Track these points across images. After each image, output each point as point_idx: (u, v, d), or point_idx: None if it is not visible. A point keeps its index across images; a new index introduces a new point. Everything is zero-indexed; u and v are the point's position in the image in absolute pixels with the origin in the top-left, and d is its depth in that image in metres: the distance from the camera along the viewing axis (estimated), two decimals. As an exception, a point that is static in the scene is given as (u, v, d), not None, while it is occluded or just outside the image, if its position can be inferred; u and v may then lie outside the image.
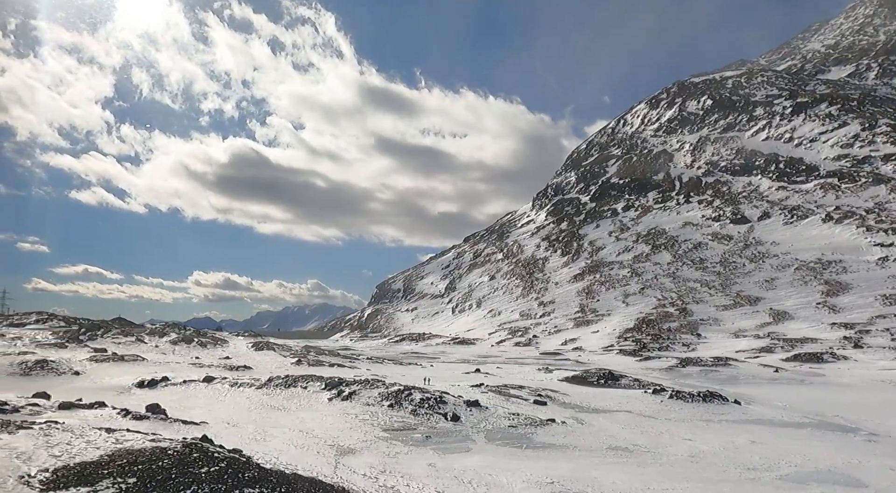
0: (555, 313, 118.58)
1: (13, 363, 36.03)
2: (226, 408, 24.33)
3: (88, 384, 31.51)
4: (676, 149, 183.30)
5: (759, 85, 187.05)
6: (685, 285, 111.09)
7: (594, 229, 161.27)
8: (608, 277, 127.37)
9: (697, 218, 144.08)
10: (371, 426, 20.06)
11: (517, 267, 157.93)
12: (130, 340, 48.53)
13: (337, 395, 23.84)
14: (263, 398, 25.81)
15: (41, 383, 32.70)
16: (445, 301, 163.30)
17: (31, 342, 44.81)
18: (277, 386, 26.58)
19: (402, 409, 21.71)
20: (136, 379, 30.91)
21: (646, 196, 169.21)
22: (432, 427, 19.76)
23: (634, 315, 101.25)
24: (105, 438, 14.30)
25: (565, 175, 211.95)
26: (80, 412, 21.85)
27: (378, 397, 22.92)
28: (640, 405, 25.77)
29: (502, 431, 19.38)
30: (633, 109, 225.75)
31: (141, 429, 18.33)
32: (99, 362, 37.39)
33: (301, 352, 50.40)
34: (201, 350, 47.88)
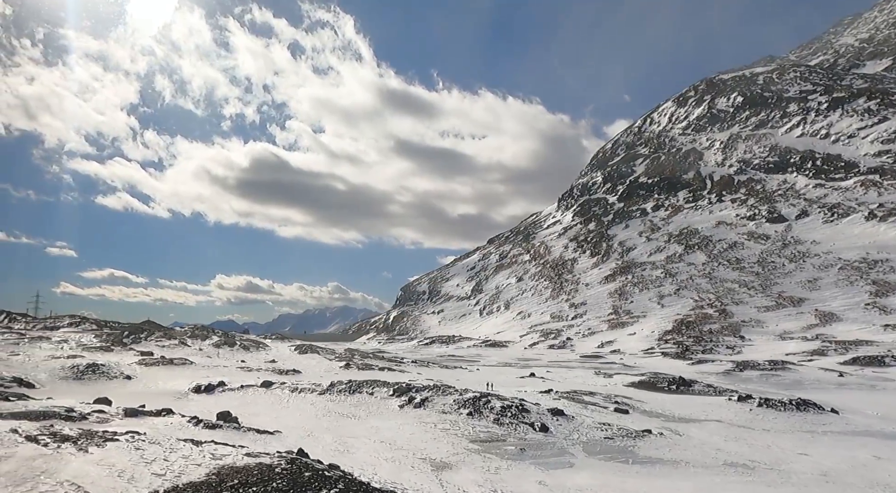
0: (587, 315, 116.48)
1: (64, 367, 35.61)
2: (292, 415, 23.32)
3: (142, 389, 30.85)
4: (706, 147, 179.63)
5: (792, 80, 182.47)
6: (722, 286, 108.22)
7: (623, 230, 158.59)
8: (641, 278, 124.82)
9: (731, 217, 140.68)
10: (455, 437, 18.83)
11: (545, 268, 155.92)
12: (174, 343, 48.09)
13: (408, 402, 22.67)
14: (328, 405, 24.77)
15: (95, 387, 32.15)
16: (472, 303, 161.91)
17: (78, 345, 44.57)
18: (341, 392, 25.52)
19: (482, 418, 20.45)
20: (192, 384, 30.14)
21: (676, 195, 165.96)
22: (522, 439, 18.46)
23: (671, 317, 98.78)
24: (198, 452, 13.28)
25: (591, 175, 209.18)
26: (149, 420, 21.00)
27: (454, 405, 21.70)
28: (728, 414, 24.17)
29: (599, 443, 18.01)
30: (660, 108, 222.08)
31: (218, 439, 17.35)
32: (148, 365, 36.83)
33: (345, 355, 49.51)
34: (245, 354, 47.24)
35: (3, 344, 43.64)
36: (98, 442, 13.07)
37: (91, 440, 13.32)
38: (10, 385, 30.44)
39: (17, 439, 12.49)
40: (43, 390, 30.81)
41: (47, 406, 21.84)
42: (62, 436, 13.34)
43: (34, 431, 13.91)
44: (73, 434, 13.84)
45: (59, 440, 12.82)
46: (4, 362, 37.87)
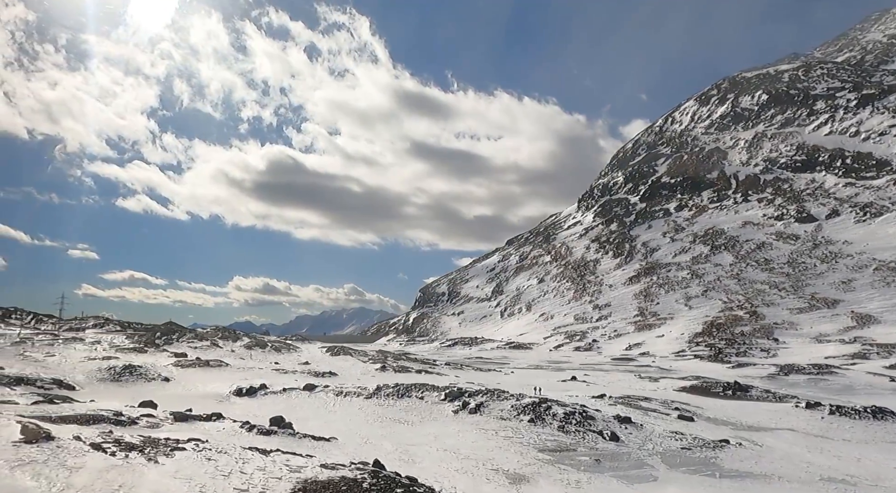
0: (612, 317, 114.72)
1: (101, 369, 35.29)
2: (342, 420, 22.54)
3: (182, 392, 30.35)
4: (730, 146, 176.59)
5: (819, 78, 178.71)
6: (752, 287, 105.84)
7: (646, 230, 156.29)
8: (666, 279, 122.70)
9: (758, 217, 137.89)
10: (521, 445, 17.87)
11: (567, 269, 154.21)
12: (205, 344, 47.73)
13: (462, 407, 21.76)
14: (377, 409, 23.96)
15: (134, 389, 31.71)
16: (493, 305, 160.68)
17: (111, 347, 44.38)
18: (389, 396, 24.68)
19: (545, 425, 19.48)
20: (232, 387, 29.56)
21: (700, 195, 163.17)
22: (593, 448, 17.45)
23: (700, 319, 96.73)
24: (271, 463, 12.49)
25: (611, 175, 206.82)
26: (199, 424, 20.33)
27: (512, 411, 20.74)
28: (799, 423, 22.92)
29: (678, 454, 16.94)
30: (681, 107, 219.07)
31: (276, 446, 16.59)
32: (184, 367, 36.39)
33: (378, 357, 48.78)
34: (277, 355, 46.71)
35: (39, 345, 43.60)
36: (165, 451, 12.35)
37: (157, 449, 12.61)
38: (51, 387, 30.10)
39: (83, 447, 11.81)
40: (82, 391, 30.44)
41: (94, 410, 21.28)
42: (127, 444, 12.65)
43: (96, 437, 13.24)
44: (137, 442, 13.15)
45: (124, 449, 12.12)
46: (41, 364, 37.69)
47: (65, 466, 10.54)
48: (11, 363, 36.88)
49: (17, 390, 26.95)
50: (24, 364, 36.73)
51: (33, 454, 10.89)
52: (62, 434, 12.68)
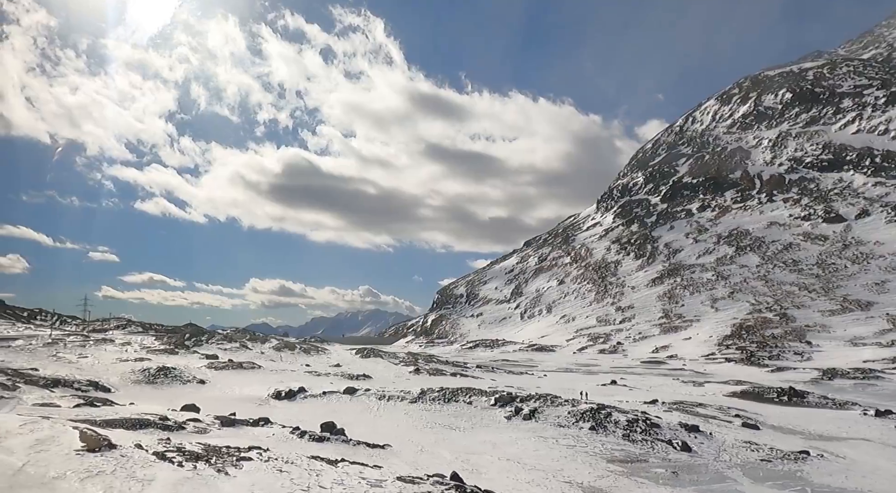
0: (636, 319, 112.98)
1: (135, 371, 34.98)
2: (389, 425, 21.78)
3: (219, 394, 29.84)
4: (753, 145, 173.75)
5: (845, 75, 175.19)
6: (780, 289, 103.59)
7: (668, 231, 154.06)
8: (690, 280, 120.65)
9: (784, 217, 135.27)
10: (587, 455, 16.94)
11: (587, 271, 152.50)
12: (235, 346, 47.37)
13: (515, 413, 20.89)
14: (424, 414, 23.17)
15: (169, 391, 31.30)
16: (512, 307, 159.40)
17: (142, 348, 44.18)
18: (435, 400, 23.89)
19: (608, 433, 18.53)
20: (270, 390, 28.98)
21: (723, 196, 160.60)
22: (665, 459, 16.47)
23: (728, 321, 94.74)
24: (344, 474, 11.72)
25: (631, 176, 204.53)
26: (247, 430, 19.69)
27: (569, 418, 19.82)
28: (872, 432, 21.73)
29: (759, 467, 15.91)
30: (702, 106, 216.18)
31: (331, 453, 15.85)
32: (218, 369, 35.95)
33: (409, 360, 48.07)
34: (307, 357, 46.19)
35: (71, 347, 43.51)
36: (231, 461, 11.64)
37: (222, 458, 11.92)
38: (87, 389, 29.77)
39: (148, 457, 11.14)
40: (118, 394, 30.06)
41: (138, 413, 20.75)
42: (190, 453, 11.96)
43: (157, 445, 12.58)
44: (199, 451, 12.48)
45: (190, 459, 11.44)
46: (75, 365, 37.51)
47: (135, 478, 9.86)
48: (45, 365, 36.75)
49: (56, 393, 26.61)
50: (57, 366, 36.57)
51: (100, 465, 10.24)
52: (122, 442, 12.04)
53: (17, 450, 10.52)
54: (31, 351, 41.20)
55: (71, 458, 10.43)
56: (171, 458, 11.30)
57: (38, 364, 36.12)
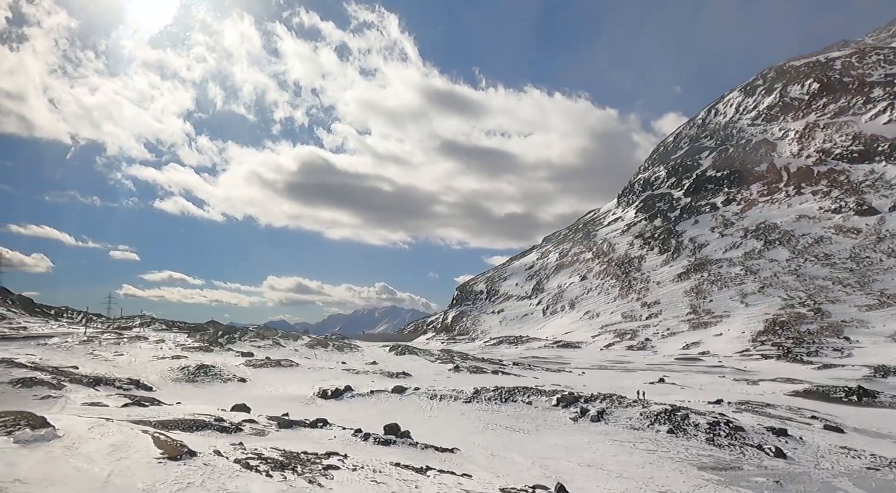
0: (662, 315, 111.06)
1: (173, 369, 34.49)
2: (448, 427, 20.85)
3: (263, 393, 29.14)
4: (779, 137, 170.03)
5: (875, 64, 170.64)
6: (813, 284, 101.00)
7: (693, 225, 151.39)
8: (718, 275, 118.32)
9: (814, 210, 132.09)
10: (674, 461, 15.85)
11: (610, 266, 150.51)
12: (268, 343, 46.86)
13: (581, 414, 19.84)
14: (482, 415, 22.21)
15: (212, 390, 30.71)
16: (534, 303, 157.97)
17: (176, 345, 43.81)
18: (491, 400, 22.91)
19: (689, 436, 17.41)
20: (314, 388, 28.23)
21: (748, 189, 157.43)
22: (760, 466, 15.32)
23: (760, 317, 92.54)
24: (446, 487, 10.80)
25: (653, 170, 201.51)
26: (306, 432, 18.87)
27: (642, 419, 18.72)
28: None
29: (868, 476, 14.70)
30: (725, 98, 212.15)
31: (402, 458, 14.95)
32: (256, 367, 35.35)
33: (445, 357, 47.20)
34: (341, 355, 45.52)
35: (106, 344, 43.28)
36: (319, 471, 10.77)
37: (306, 467, 11.06)
38: (129, 387, 29.29)
39: (231, 465, 10.32)
40: (160, 392, 29.52)
41: (190, 414, 20.05)
42: (273, 461, 11.11)
43: (234, 451, 11.75)
44: (279, 457, 11.63)
45: (275, 467, 10.59)
46: (112, 363, 37.17)
47: (227, 491, 9.02)
48: (83, 362, 36.44)
49: (100, 392, 26.11)
50: (95, 364, 36.24)
51: (187, 475, 9.42)
52: (199, 448, 11.22)
53: (95, 457, 9.75)
54: (67, 349, 41.01)
55: (154, 467, 9.63)
56: (256, 467, 10.46)
57: (77, 362, 35.80)
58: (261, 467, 10.49)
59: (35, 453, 9.46)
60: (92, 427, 12.36)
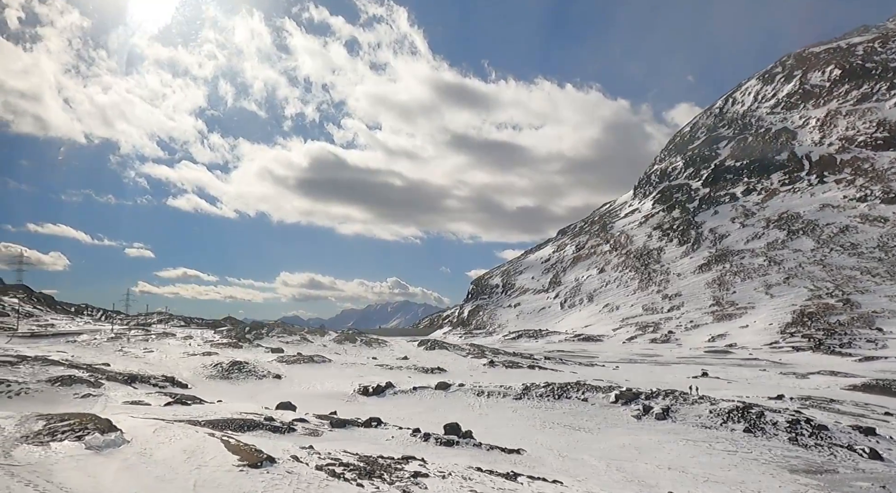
0: (685, 307, 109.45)
1: (205, 365, 33.97)
2: (503, 425, 19.99)
3: (300, 390, 28.46)
4: (800, 125, 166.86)
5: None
6: (840, 274, 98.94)
7: (712, 216, 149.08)
8: (740, 266, 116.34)
9: (838, 199, 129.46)
10: (759, 463, 14.89)
11: (629, 259, 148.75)
12: (296, 339, 46.32)
13: (644, 412, 18.89)
14: (536, 413, 21.34)
15: (248, 387, 30.14)
16: (551, 296, 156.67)
17: (205, 342, 43.36)
18: (542, 397, 22.03)
19: (769, 436, 16.42)
20: (354, 385, 27.52)
21: (769, 178, 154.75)
22: (858, 469, 14.33)
23: (786, 308, 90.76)
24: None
25: (670, 161, 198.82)
26: (361, 431, 18.08)
27: (713, 417, 17.75)
28: None
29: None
30: (742, 86, 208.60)
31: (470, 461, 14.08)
32: (289, 363, 34.73)
33: (475, 352, 46.39)
34: (370, 350, 44.86)
35: (134, 341, 42.92)
36: (408, 478, 9.93)
37: (392, 474, 10.23)
38: (165, 384, 28.77)
39: (315, 473, 9.51)
40: (196, 389, 28.97)
41: (238, 413, 19.37)
42: (354, 467, 10.30)
43: (311, 457, 10.94)
44: (357, 463, 10.82)
45: (361, 475, 9.78)
46: (143, 360, 36.74)
47: (322, 502, 8.22)
48: (114, 359, 36.04)
49: (138, 389, 25.58)
50: (126, 361, 35.84)
51: (274, 485, 8.62)
52: (276, 453, 10.42)
53: (173, 465, 8.99)
54: (96, 346, 40.69)
55: (237, 476, 8.84)
56: (341, 474, 9.64)
57: (107, 359, 35.42)
58: (346, 474, 9.68)
59: (111, 460, 8.72)
60: (156, 430, 11.63)
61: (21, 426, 10.26)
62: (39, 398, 21.86)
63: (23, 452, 8.53)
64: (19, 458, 8.19)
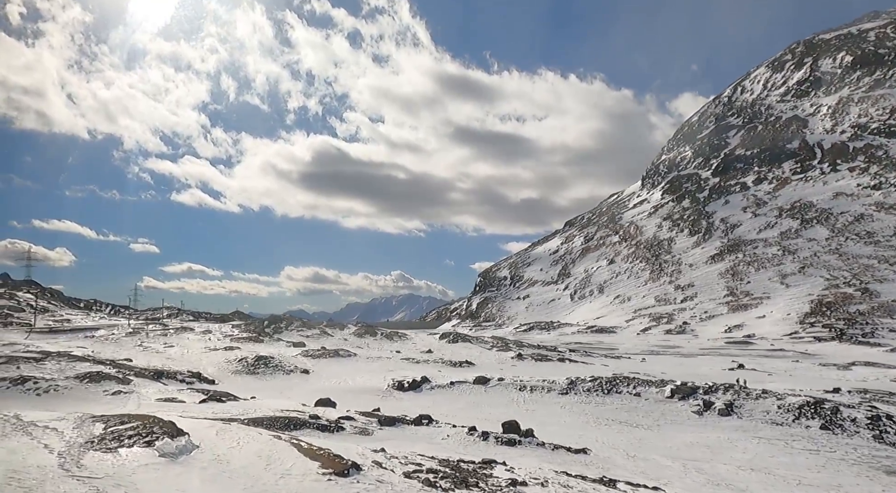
0: (698, 298, 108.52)
1: (230, 360, 33.21)
2: (553, 421, 19.12)
3: (331, 385, 27.65)
4: (811, 113, 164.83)
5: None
6: (857, 263, 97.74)
7: (723, 206, 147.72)
8: (754, 256, 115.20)
9: (851, 187, 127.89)
10: (849, 464, 14.04)
11: (639, 249, 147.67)
12: (315, 332, 45.58)
13: (705, 407, 18.01)
14: (586, 408, 20.48)
15: (276, 382, 29.36)
16: (561, 288, 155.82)
17: (225, 336, 42.64)
18: (591, 391, 21.18)
19: (849, 433, 15.57)
20: (387, 379, 26.68)
21: (780, 167, 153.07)
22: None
23: (803, 298, 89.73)
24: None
25: (678, 150, 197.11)
26: (413, 430, 17.22)
27: (784, 413, 16.87)
28: None
29: None
30: (751, 75, 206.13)
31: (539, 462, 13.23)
32: (315, 357, 33.95)
33: (499, 344, 45.59)
34: (392, 343, 44.12)
35: (153, 336, 42.22)
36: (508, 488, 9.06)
37: (485, 481, 9.37)
38: (192, 380, 28.02)
39: (410, 483, 8.64)
40: (223, 385, 28.22)
41: (280, 411, 18.57)
42: (445, 475, 9.43)
43: (389, 462, 10.09)
44: (448, 470, 9.96)
45: (456, 483, 8.92)
46: (164, 355, 36.00)
47: (430, 516, 7.35)
48: (135, 355, 35.30)
49: (168, 386, 24.81)
50: (148, 356, 35.09)
51: (371, 496, 7.74)
52: (355, 459, 9.55)
53: (254, 473, 8.13)
54: (115, 341, 40.00)
55: (328, 486, 7.97)
56: (435, 482, 8.77)
57: (128, 355, 34.69)
58: (441, 483, 8.81)
59: (190, 470, 7.86)
60: (217, 432, 10.79)
61: (79, 429, 9.43)
62: (69, 396, 21.11)
63: (93, 460, 7.69)
64: (93, 468, 7.34)
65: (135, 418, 10.14)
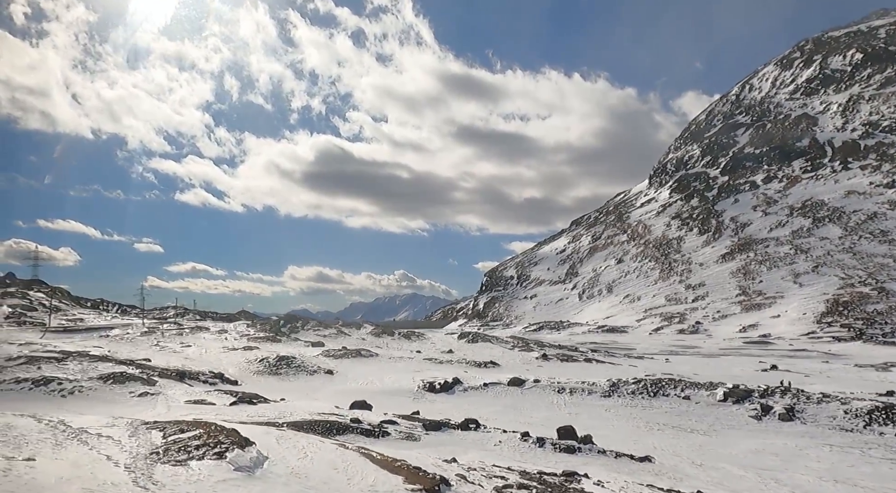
0: (710, 297, 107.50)
1: (251, 361, 32.46)
2: (601, 426, 18.28)
3: (358, 386, 26.88)
4: (821, 111, 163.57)
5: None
6: (871, 261, 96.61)
7: (733, 205, 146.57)
8: (766, 255, 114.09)
9: (864, 186, 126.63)
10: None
11: (647, 249, 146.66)
12: (332, 332, 44.83)
13: (763, 411, 17.18)
14: (633, 412, 19.65)
15: (300, 383, 28.59)
16: (568, 287, 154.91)
17: (241, 336, 41.91)
18: (636, 394, 20.35)
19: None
20: (416, 380, 25.91)
21: (790, 165, 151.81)
22: None
23: (817, 297, 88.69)
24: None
25: (686, 149, 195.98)
26: (460, 435, 16.42)
27: (852, 419, 16.05)
28: None
29: None
30: (759, 73, 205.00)
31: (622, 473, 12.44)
32: (337, 358, 33.18)
33: (519, 344, 44.77)
34: (411, 343, 43.35)
35: (169, 336, 41.50)
36: None
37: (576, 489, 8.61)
38: (215, 381, 27.29)
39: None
40: (246, 386, 27.47)
41: (317, 414, 17.78)
42: (535, 489, 8.65)
43: (470, 474, 9.31)
44: (533, 483, 9.18)
45: None
46: (182, 355, 35.28)
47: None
48: (152, 354, 34.59)
49: (194, 387, 24.05)
50: (165, 356, 34.38)
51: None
52: (445, 473, 8.76)
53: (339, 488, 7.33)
54: (130, 341, 39.29)
55: (422, 504, 7.18)
56: None
57: (146, 354, 33.98)
58: (535, 497, 8.01)
59: (273, 487, 7.06)
60: (277, 440, 10.00)
61: (136, 437, 8.65)
62: (95, 397, 20.38)
63: (165, 475, 6.92)
64: (169, 484, 6.57)
65: (194, 425, 9.37)
